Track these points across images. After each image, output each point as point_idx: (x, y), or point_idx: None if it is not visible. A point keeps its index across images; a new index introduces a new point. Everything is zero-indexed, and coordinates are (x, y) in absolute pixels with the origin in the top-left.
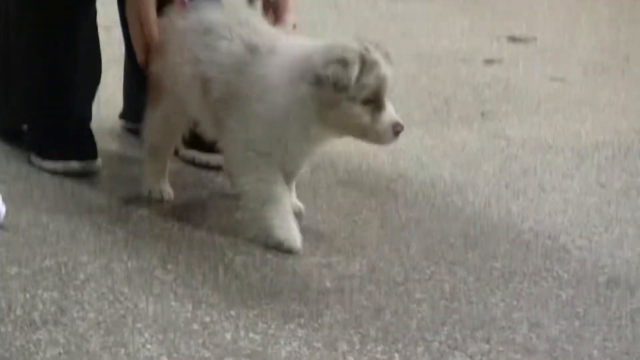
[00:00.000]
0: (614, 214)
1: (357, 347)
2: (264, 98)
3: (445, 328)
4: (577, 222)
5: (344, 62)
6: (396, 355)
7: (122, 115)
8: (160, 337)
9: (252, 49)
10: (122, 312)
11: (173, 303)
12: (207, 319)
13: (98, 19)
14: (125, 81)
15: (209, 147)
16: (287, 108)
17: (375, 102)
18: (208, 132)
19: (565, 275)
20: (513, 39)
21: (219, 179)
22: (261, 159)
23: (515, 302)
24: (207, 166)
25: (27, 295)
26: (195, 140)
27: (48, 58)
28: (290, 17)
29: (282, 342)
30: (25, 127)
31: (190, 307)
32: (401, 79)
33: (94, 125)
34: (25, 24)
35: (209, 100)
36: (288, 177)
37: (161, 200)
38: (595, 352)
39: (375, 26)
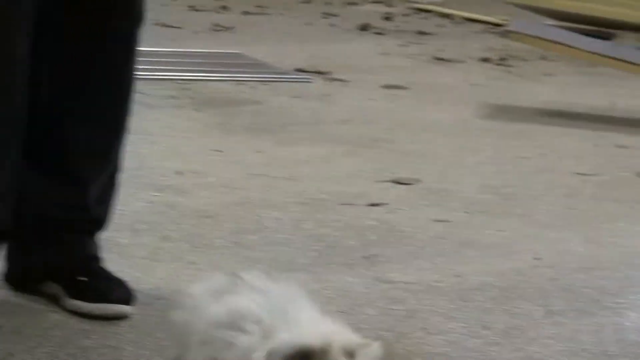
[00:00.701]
0: (497, 356)
1: None
2: None
3: None
4: None
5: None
6: None
7: (7, 279)
8: None
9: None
10: None
11: None
12: None
13: None
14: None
15: (94, 297)
16: None
17: None
18: None
19: None
20: (398, 182)
21: (104, 328)
22: None
23: None
24: (90, 316)
25: None
26: (80, 290)
27: None
28: None
29: None
30: None
31: None
32: (285, 224)
33: None
34: None
35: None
36: None
37: None
38: None
39: (260, 171)
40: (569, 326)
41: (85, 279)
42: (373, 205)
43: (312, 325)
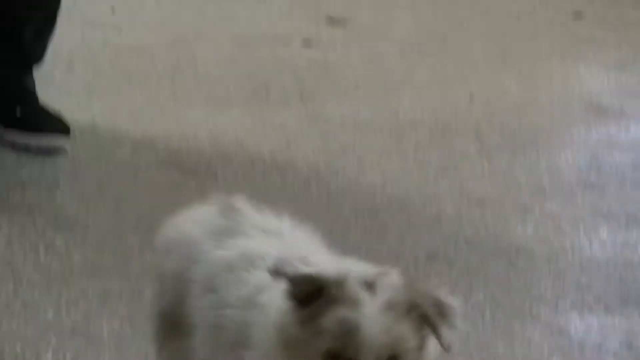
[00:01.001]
0: (432, 192)
1: None
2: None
3: None
4: (396, 199)
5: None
6: None
7: None
8: None
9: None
10: None
11: None
12: (29, 297)
13: None
14: None
15: (30, 128)
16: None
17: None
18: None
19: (385, 250)
20: (331, 20)
21: (41, 160)
22: None
23: None
24: (27, 149)
25: None
26: (16, 121)
27: None
28: None
29: (104, 319)
30: None
31: (11, 285)
32: (220, 61)
33: None
34: None
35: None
36: None
37: None
38: None
39: (193, 9)
40: (504, 163)
41: (21, 110)
42: (307, 43)
43: (329, 263)
